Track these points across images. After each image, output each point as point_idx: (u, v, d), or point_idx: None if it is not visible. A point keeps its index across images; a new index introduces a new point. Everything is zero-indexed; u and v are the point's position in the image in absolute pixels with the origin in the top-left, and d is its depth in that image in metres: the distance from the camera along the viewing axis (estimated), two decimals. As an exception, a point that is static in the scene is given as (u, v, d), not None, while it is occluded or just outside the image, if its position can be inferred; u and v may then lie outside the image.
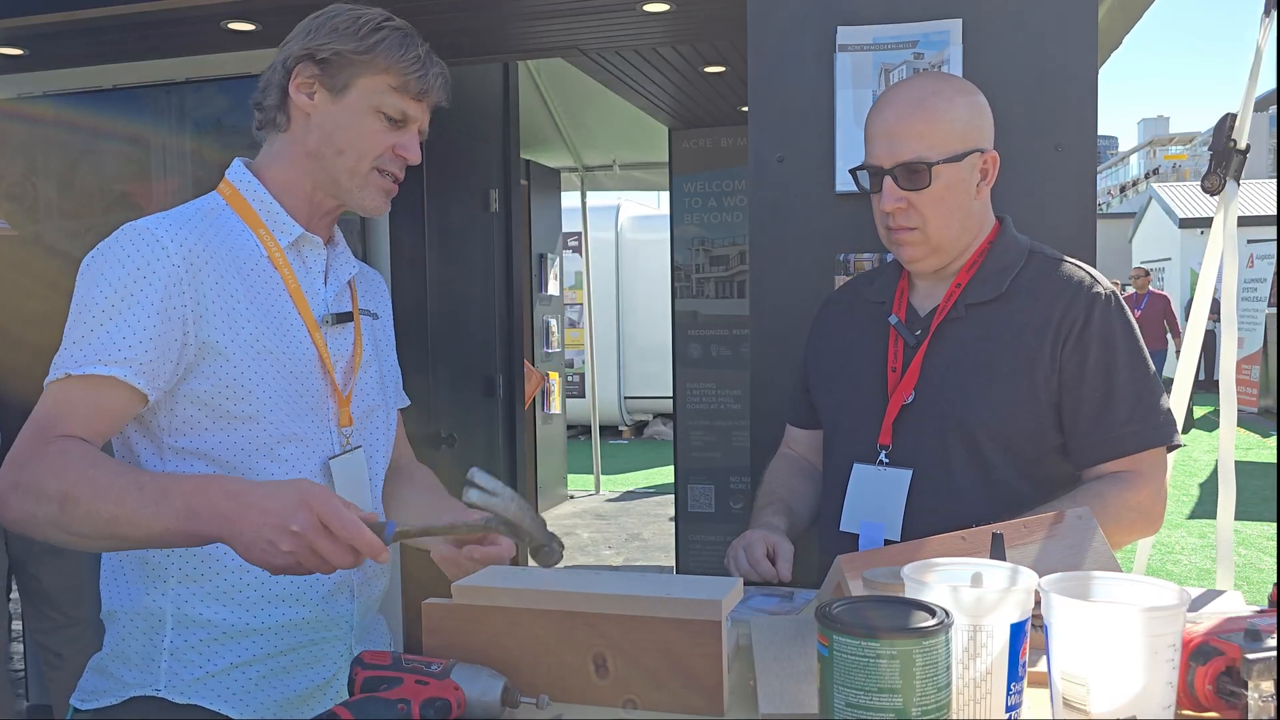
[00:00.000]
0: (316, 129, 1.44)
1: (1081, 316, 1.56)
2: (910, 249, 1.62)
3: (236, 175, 1.47)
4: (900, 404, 1.62)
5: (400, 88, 1.43)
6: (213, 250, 1.36)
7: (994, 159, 1.61)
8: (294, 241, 1.45)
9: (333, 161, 1.44)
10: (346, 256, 1.56)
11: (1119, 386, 1.55)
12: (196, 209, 1.43)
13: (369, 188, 1.46)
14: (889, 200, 1.58)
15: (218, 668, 1.37)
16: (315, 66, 1.42)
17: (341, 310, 1.51)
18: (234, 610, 1.37)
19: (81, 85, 3.73)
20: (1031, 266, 1.62)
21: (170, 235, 1.33)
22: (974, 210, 1.62)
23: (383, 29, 1.43)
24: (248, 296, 1.37)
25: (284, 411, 1.38)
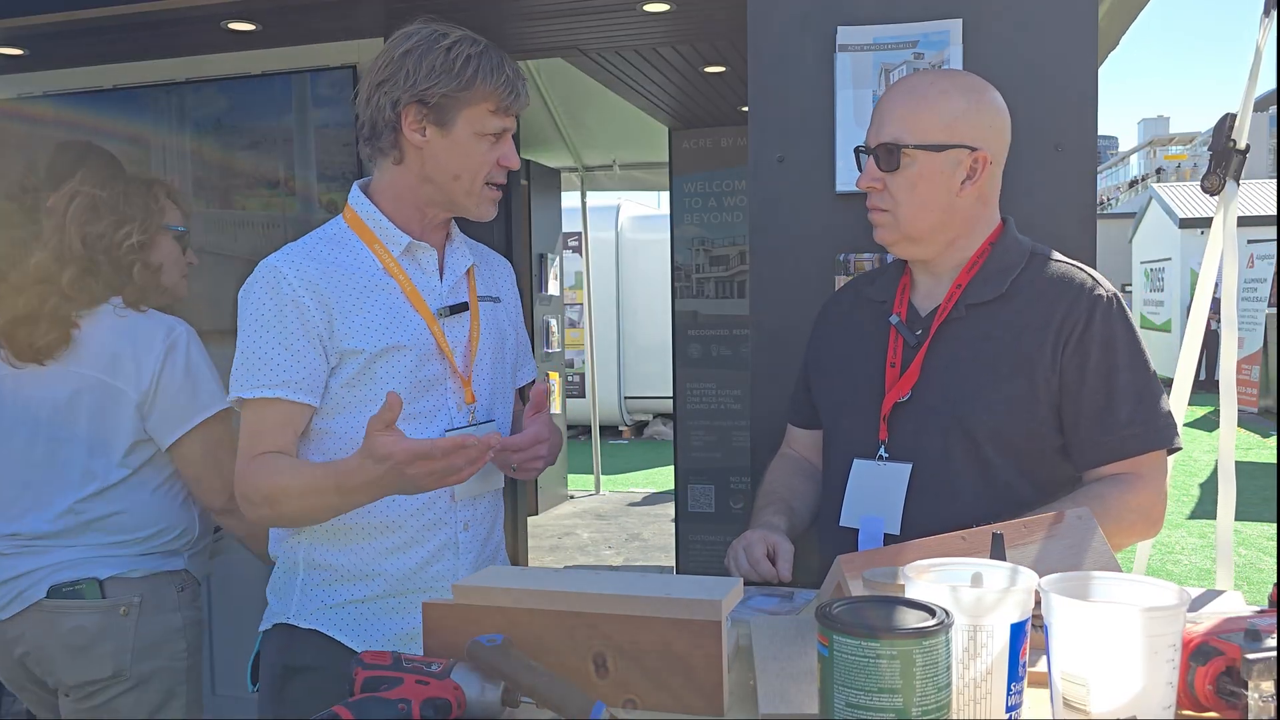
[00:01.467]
0: (431, 160, 1.63)
1: (1083, 319, 1.56)
2: (882, 230, 1.66)
3: (355, 199, 1.70)
4: (894, 401, 1.62)
5: (498, 110, 1.62)
6: (331, 273, 1.60)
7: (985, 159, 1.60)
8: (405, 250, 1.66)
9: (449, 185, 1.64)
10: (463, 251, 1.76)
11: (1120, 389, 1.55)
12: (320, 236, 1.67)
13: (484, 201, 1.67)
14: (864, 178, 1.64)
15: (335, 602, 1.64)
16: (424, 109, 1.60)
17: (457, 301, 1.71)
18: (351, 557, 1.64)
19: (81, 85, 3.73)
20: (1033, 268, 1.63)
21: (293, 269, 1.59)
22: (957, 206, 1.61)
23: (473, 59, 1.59)
24: (367, 304, 1.61)
25: (404, 393, 1.57)
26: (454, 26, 1.63)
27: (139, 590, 2.00)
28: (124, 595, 1.99)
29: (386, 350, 1.60)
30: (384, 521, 1.63)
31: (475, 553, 1.72)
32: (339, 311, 1.58)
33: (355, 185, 1.72)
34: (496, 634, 1.15)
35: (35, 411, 2.00)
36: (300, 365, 1.57)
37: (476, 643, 1.13)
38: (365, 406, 1.59)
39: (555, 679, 1.08)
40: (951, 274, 1.66)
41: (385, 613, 1.65)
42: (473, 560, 1.72)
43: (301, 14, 3.16)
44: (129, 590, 1.99)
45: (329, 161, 3.50)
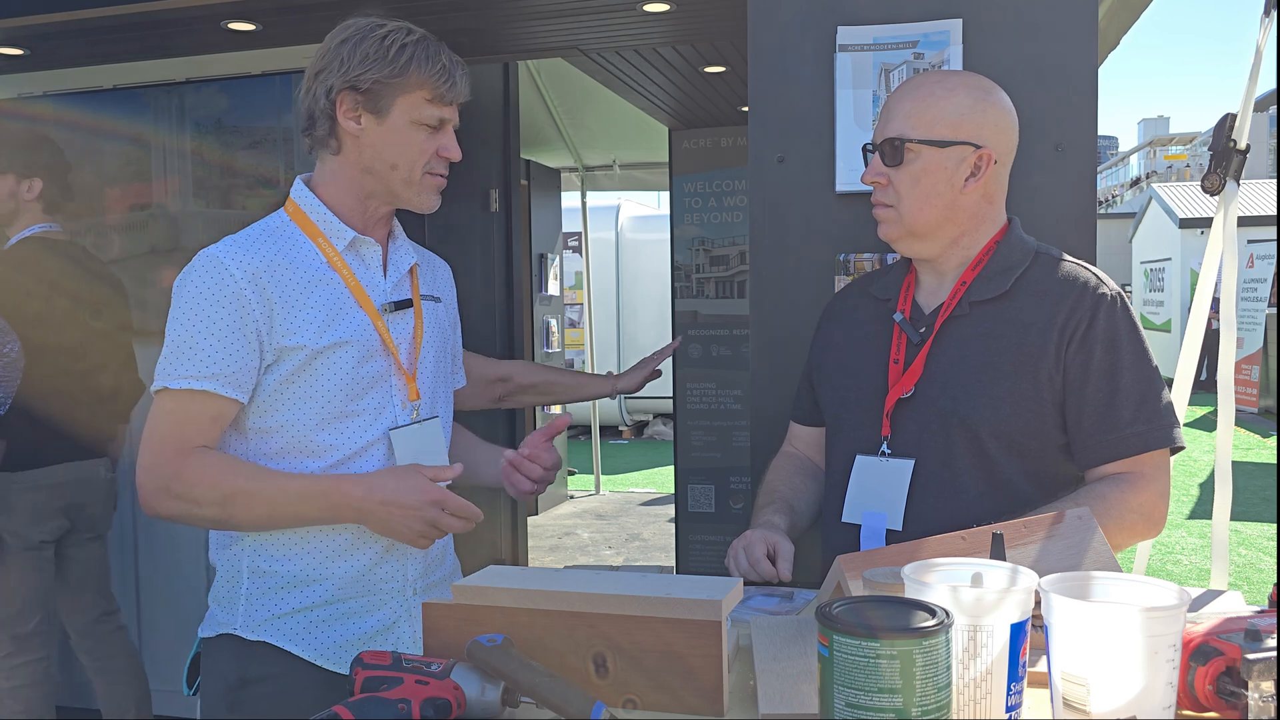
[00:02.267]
0: (368, 149, 1.61)
1: (1086, 317, 1.56)
2: (886, 226, 1.66)
3: (298, 192, 1.67)
4: (899, 396, 1.63)
5: (434, 99, 1.59)
6: (274, 265, 1.56)
7: (989, 157, 1.60)
8: (349, 244, 1.64)
9: (388, 175, 1.62)
10: (406, 249, 1.74)
11: (1123, 388, 1.55)
12: (263, 229, 1.63)
13: (424, 190, 1.64)
14: (869, 173, 1.65)
15: (284, 610, 1.60)
16: (358, 95, 1.58)
17: (401, 298, 1.69)
18: (295, 563, 1.60)
19: (81, 85, 3.73)
20: (1037, 267, 1.63)
21: (235, 260, 1.54)
22: (961, 204, 1.62)
23: (408, 46, 1.57)
24: (310, 299, 1.57)
25: (343, 392, 1.59)
26: (395, 18, 1.62)
27: None
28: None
29: (329, 347, 1.56)
30: (328, 526, 1.60)
31: (422, 554, 1.69)
32: (280, 306, 1.54)
33: (298, 178, 1.69)
34: (496, 634, 1.15)
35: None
36: (232, 360, 1.52)
37: (476, 643, 1.13)
38: (306, 403, 1.57)
39: (555, 679, 1.08)
40: (956, 272, 1.66)
41: (334, 619, 1.62)
42: (421, 562, 1.69)
43: (301, 14, 3.16)
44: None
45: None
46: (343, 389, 1.58)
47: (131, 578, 3.85)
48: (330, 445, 1.58)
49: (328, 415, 1.58)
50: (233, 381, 1.52)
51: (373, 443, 1.61)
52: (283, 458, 1.57)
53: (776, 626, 1.34)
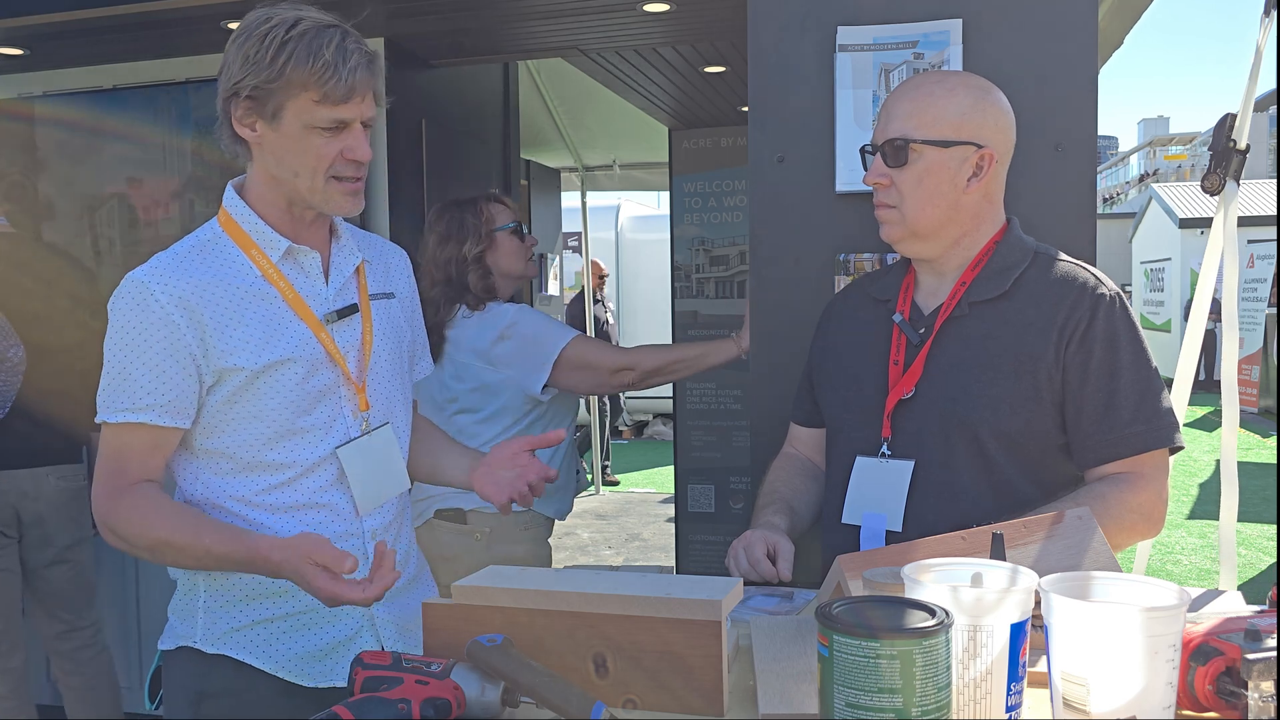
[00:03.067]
0: (270, 157, 1.51)
1: (1086, 317, 1.56)
2: (889, 228, 1.66)
3: (229, 200, 1.58)
4: (899, 397, 1.63)
5: (323, 99, 1.45)
6: (204, 286, 1.49)
7: (991, 157, 1.61)
8: (285, 254, 1.55)
9: (291, 182, 1.52)
10: (350, 248, 1.65)
11: (1122, 388, 1.55)
12: (193, 244, 1.55)
13: (332, 196, 1.52)
14: (871, 174, 1.64)
15: (243, 623, 1.55)
16: (246, 101, 1.48)
17: (346, 304, 1.60)
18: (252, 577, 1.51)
19: (81, 85, 3.73)
20: (1036, 267, 1.63)
21: (160, 285, 1.47)
22: (964, 204, 1.62)
23: (288, 43, 1.44)
24: (246, 317, 1.50)
25: (289, 409, 1.52)
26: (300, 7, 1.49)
27: (490, 523, 2.51)
28: (480, 525, 2.52)
29: (270, 366, 1.49)
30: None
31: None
32: (214, 327, 1.47)
33: (229, 185, 1.60)
34: (496, 634, 1.15)
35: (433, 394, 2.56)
36: (168, 388, 1.46)
37: (476, 643, 1.13)
38: (250, 423, 1.50)
39: (555, 679, 1.08)
40: (956, 272, 1.66)
41: (293, 630, 1.56)
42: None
43: (301, 14, 3.15)
44: (484, 522, 2.52)
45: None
46: (289, 406, 1.51)
47: (131, 577, 3.85)
48: (281, 463, 1.53)
49: (275, 433, 1.51)
50: (170, 410, 1.47)
51: (325, 458, 1.55)
52: (234, 476, 1.52)
53: (776, 626, 1.34)
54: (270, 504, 1.53)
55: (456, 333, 2.55)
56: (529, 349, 2.52)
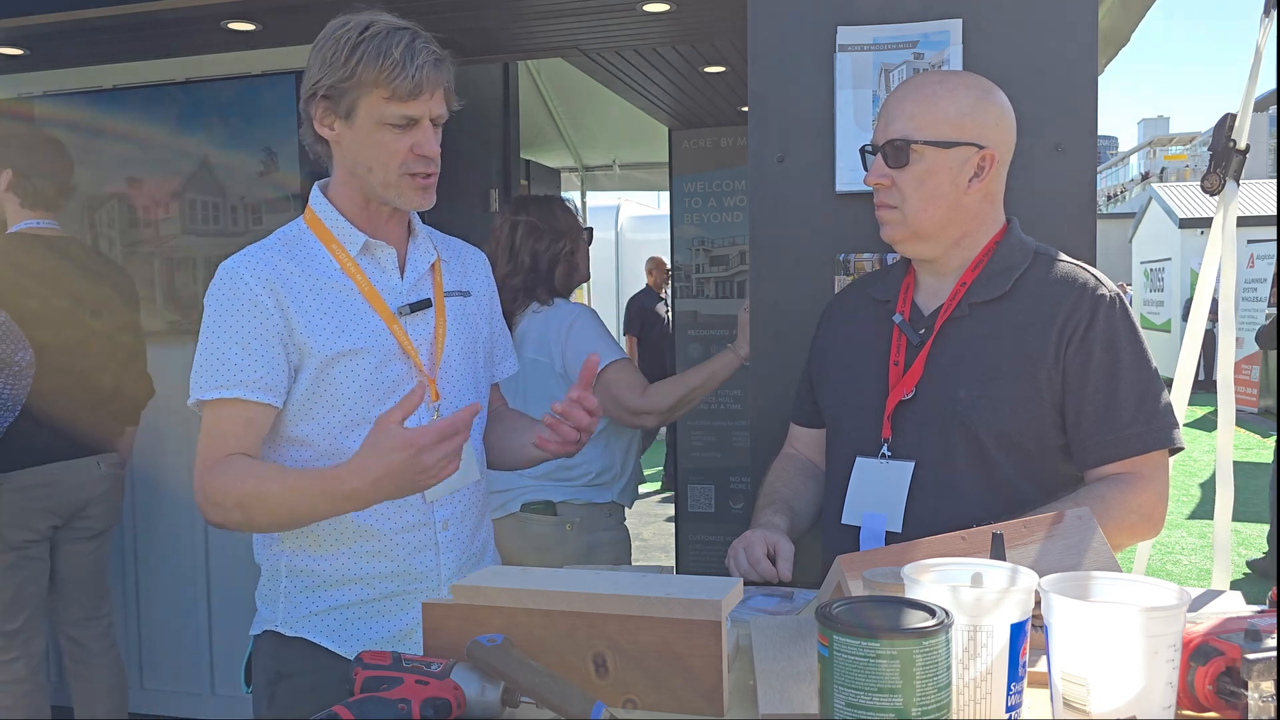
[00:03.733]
0: (347, 154, 1.61)
1: (1085, 318, 1.56)
2: (890, 228, 1.66)
3: (314, 199, 1.68)
4: (899, 398, 1.62)
5: (392, 97, 1.53)
6: (286, 275, 1.58)
7: (992, 157, 1.61)
8: (362, 248, 1.64)
9: (366, 178, 1.60)
10: (426, 246, 1.73)
11: (1122, 389, 1.55)
12: (279, 237, 1.64)
13: (404, 190, 1.60)
14: (872, 174, 1.64)
15: (319, 608, 1.64)
16: (324, 101, 1.57)
17: (419, 298, 1.67)
18: (331, 563, 1.62)
19: (81, 85, 3.73)
20: (1037, 268, 1.63)
21: (248, 269, 1.56)
22: (965, 204, 1.62)
23: (360, 44, 1.52)
24: (323, 307, 1.58)
25: (364, 397, 1.59)
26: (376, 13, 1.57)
27: (580, 513, 2.62)
28: (570, 515, 2.61)
29: (341, 355, 1.56)
30: (360, 527, 1.61)
31: (458, 551, 1.70)
32: (295, 313, 1.55)
33: (315, 185, 1.69)
34: (496, 634, 1.15)
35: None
36: (258, 365, 1.53)
37: (476, 643, 1.13)
38: (329, 410, 1.57)
39: (555, 679, 1.08)
40: (956, 273, 1.66)
41: (369, 616, 1.64)
42: (456, 558, 1.69)
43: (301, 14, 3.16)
44: (574, 512, 2.62)
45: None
46: (363, 395, 1.58)
47: (131, 578, 3.85)
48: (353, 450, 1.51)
49: (351, 421, 1.58)
50: (261, 386, 1.53)
51: None
52: (314, 465, 1.58)
53: (776, 626, 1.34)
54: None
55: (526, 326, 2.64)
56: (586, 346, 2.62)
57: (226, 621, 3.77)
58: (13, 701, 2.94)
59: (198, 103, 3.57)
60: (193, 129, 3.58)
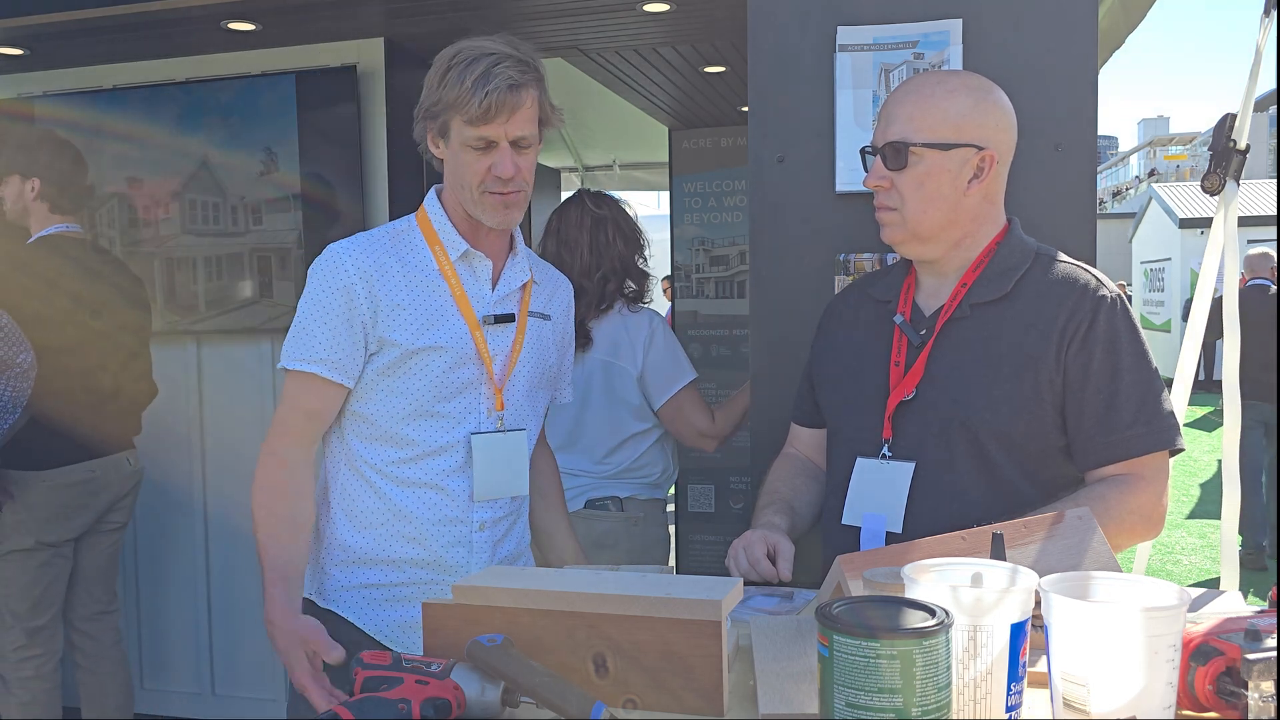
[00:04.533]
0: (447, 169, 1.72)
1: (1087, 319, 1.56)
2: (889, 230, 1.66)
3: (429, 200, 1.78)
4: (900, 399, 1.62)
5: (468, 121, 1.62)
6: (385, 267, 1.68)
7: (992, 158, 1.60)
8: (462, 255, 1.73)
9: (460, 194, 1.71)
10: (523, 266, 1.82)
11: (1123, 389, 1.54)
12: (386, 230, 1.75)
13: (485, 208, 1.69)
14: (871, 177, 1.64)
15: (351, 584, 1.73)
16: (428, 121, 1.68)
17: (504, 312, 1.76)
18: (367, 539, 1.72)
19: (81, 85, 3.73)
20: (1038, 268, 1.63)
21: (351, 258, 1.67)
22: (964, 205, 1.62)
23: (450, 70, 1.62)
24: (414, 301, 1.68)
25: (435, 392, 1.69)
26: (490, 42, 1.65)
27: (644, 509, 2.70)
28: (635, 511, 2.68)
29: (423, 349, 1.66)
30: (400, 510, 1.70)
31: (489, 553, 1.76)
32: (385, 303, 1.65)
33: (433, 188, 1.79)
34: (496, 634, 1.15)
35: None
36: (337, 347, 1.65)
37: (476, 643, 1.13)
38: (397, 397, 1.68)
39: (555, 679, 1.08)
40: (957, 274, 1.66)
41: (399, 599, 1.72)
42: (487, 560, 1.75)
43: (301, 14, 3.16)
44: (638, 508, 2.69)
45: (329, 162, 3.49)
46: (431, 389, 1.68)
47: (132, 578, 3.85)
48: (414, 439, 1.69)
49: (414, 411, 1.68)
50: (338, 367, 1.65)
51: (453, 444, 1.71)
52: (371, 442, 1.70)
53: (776, 626, 1.34)
54: (396, 476, 1.70)
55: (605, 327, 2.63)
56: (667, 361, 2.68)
57: (226, 621, 3.77)
58: (31, 698, 2.97)
59: (198, 103, 3.57)
60: (193, 129, 3.58)
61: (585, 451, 2.66)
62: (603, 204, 2.73)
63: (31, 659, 2.97)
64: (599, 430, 2.65)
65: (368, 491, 1.71)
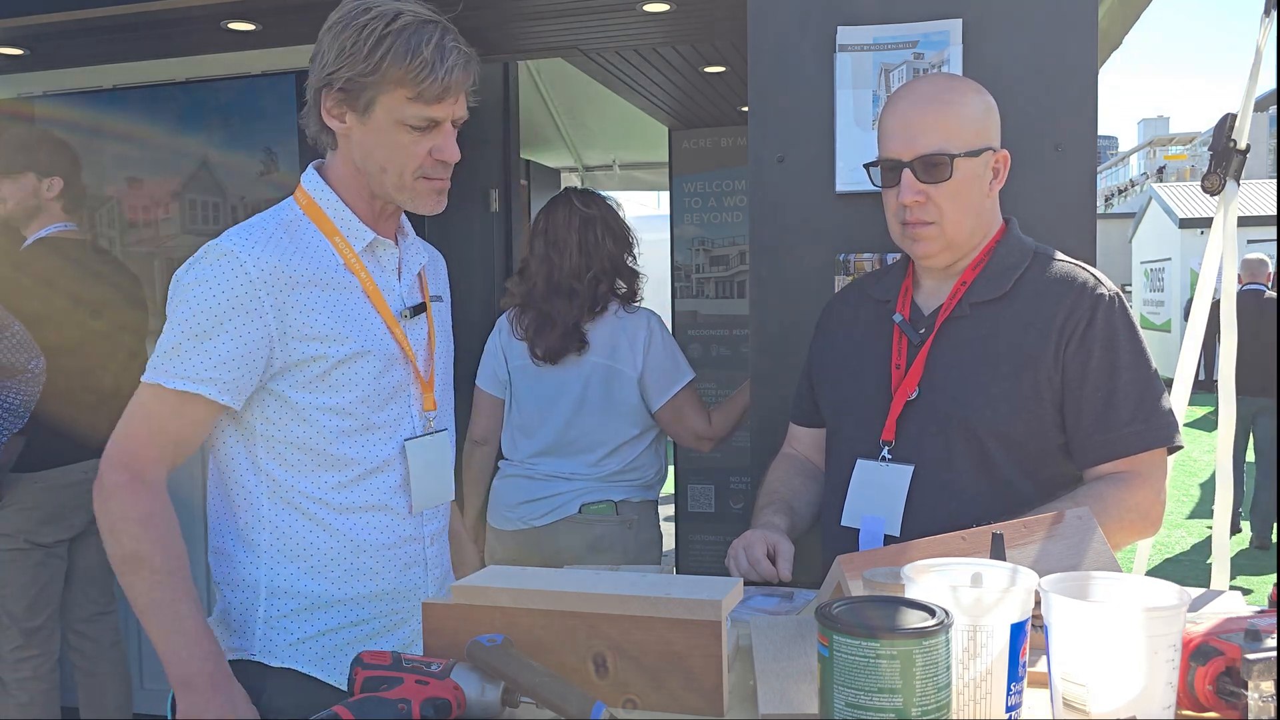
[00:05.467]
0: (357, 148, 1.49)
1: (1085, 318, 1.56)
2: (926, 244, 1.61)
3: (311, 183, 1.54)
4: (905, 400, 1.62)
5: (416, 97, 1.43)
6: (292, 267, 1.44)
7: (1005, 158, 1.63)
8: (368, 246, 1.53)
9: (378, 177, 1.50)
10: (417, 247, 1.64)
11: (1121, 387, 1.55)
12: (276, 221, 1.49)
13: (419, 195, 1.51)
14: (908, 193, 1.58)
15: (307, 634, 1.50)
16: (338, 93, 1.45)
17: (415, 302, 1.60)
18: (321, 582, 1.50)
19: (81, 85, 3.73)
20: (1036, 267, 1.63)
21: (252, 258, 1.41)
22: (986, 208, 1.63)
23: (387, 37, 1.41)
24: (327, 306, 1.47)
25: (365, 405, 1.50)
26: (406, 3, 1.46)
27: (638, 511, 2.65)
28: (629, 513, 2.63)
29: (350, 357, 1.47)
30: (354, 542, 1.51)
31: (442, 569, 1.65)
32: (296, 311, 1.43)
33: (310, 167, 1.56)
34: (496, 634, 1.15)
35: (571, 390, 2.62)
36: (235, 365, 1.41)
37: (476, 643, 1.13)
38: (325, 415, 1.47)
39: (555, 679, 1.08)
40: (956, 273, 1.66)
41: (359, 640, 1.52)
42: (439, 577, 1.63)
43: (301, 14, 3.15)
44: (633, 510, 2.64)
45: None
46: (365, 400, 1.49)
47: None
48: (351, 459, 1.50)
49: (349, 428, 1.49)
50: (230, 388, 1.42)
51: (391, 459, 1.53)
52: (302, 471, 1.48)
53: (776, 626, 1.34)
54: (339, 504, 1.50)
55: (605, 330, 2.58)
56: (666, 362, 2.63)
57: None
58: (29, 699, 2.97)
59: (198, 103, 3.57)
60: (193, 129, 3.58)
61: (580, 455, 2.62)
62: (591, 203, 2.67)
63: (29, 659, 2.97)
64: (595, 434, 2.62)
65: (311, 527, 1.49)
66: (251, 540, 1.51)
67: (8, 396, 2.78)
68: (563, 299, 2.56)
